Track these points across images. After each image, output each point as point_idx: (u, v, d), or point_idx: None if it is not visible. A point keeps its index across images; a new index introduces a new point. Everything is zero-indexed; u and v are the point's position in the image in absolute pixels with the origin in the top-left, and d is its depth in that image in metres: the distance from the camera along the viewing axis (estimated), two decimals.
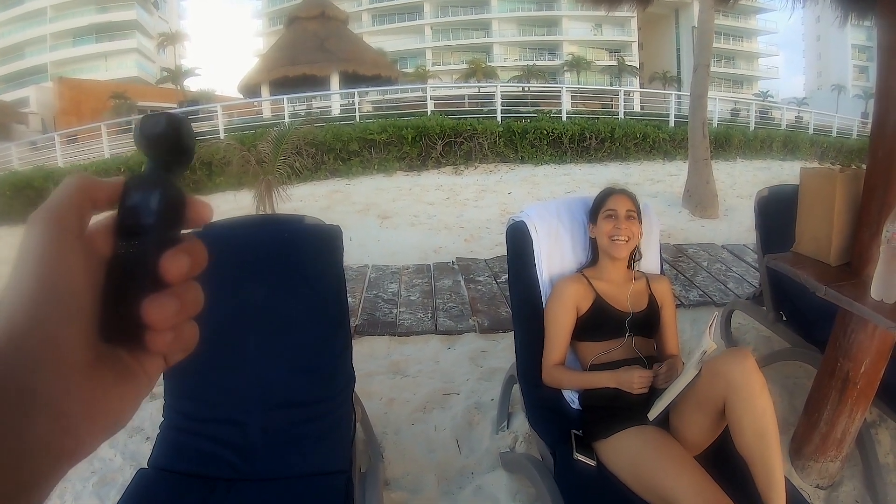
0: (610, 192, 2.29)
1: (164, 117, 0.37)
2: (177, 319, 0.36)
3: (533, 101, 17.42)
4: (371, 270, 5.32)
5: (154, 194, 0.36)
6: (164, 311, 0.35)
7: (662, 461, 1.68)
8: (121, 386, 0.37)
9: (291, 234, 2.35)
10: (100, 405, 0.35)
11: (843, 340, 2.22)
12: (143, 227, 0.36)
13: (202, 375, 2.11)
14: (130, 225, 0.36)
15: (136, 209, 0.36)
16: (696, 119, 8.80)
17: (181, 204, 0.38)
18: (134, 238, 0.36)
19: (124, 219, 0.37)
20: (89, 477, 2.50)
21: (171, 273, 0.36)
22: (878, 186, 2.10)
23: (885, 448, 2.56)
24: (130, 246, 0.36)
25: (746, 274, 5.05)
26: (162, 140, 0.37)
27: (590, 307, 2.15)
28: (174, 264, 0.36)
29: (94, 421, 0.35)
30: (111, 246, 0.36)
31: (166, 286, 0.36)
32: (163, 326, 0.36)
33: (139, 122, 0.38)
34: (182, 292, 0.37)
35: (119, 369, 0.37)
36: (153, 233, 0.36)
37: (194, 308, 0.38)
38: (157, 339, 0.36)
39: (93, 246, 0.36)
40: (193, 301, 0.38)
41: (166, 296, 0.36)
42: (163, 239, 0.36)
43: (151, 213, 0.36)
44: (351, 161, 11.65)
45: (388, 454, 2.59)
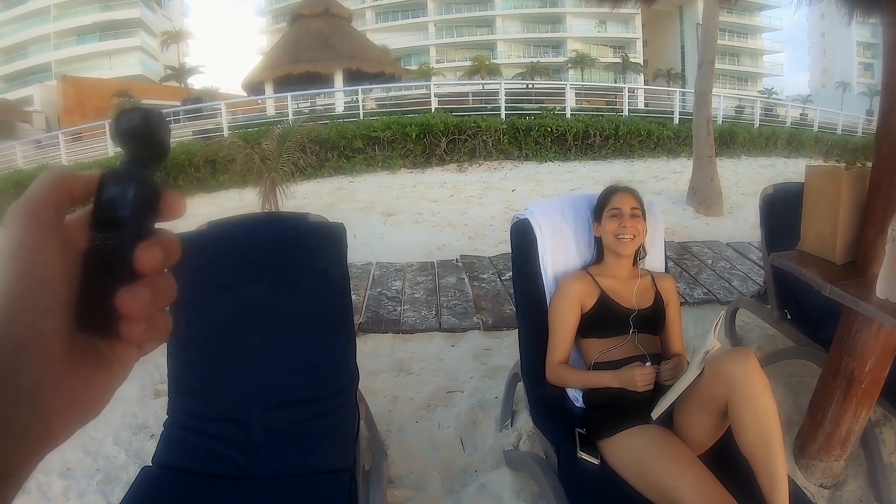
0: (613, 190, 2.29)
1: (140, 113, 0.38)
2: (150, 309, 0.37)
3: (537, 98, 17.44)
4: (375, 268, 5.32)
5: (129, 188, 0.37)
6: (137, 301, 0.36)
7: (666, 460, 1.68)
8: (97, 374, 0.38)
9: (295, 232, 2.35)
10: (76, 393, 0.36)
11: (847, 339, 2.21)
12: (118, 219, 0.37)
13: (206, 373, 2.12)
14: (106, 218, 0.37)
15: (112, 202, 0.37)
16: (700, 116, 8.76)
17: (156, 197, 0.39)
18: (109, 230, 0.37)
19: (100, 212, 0.37)
20: (94, 475, 2.51)
21: (145, 264, 0.37)
22: (884, 184, 2.09)
23: (889, 447, 2.56)
24: (106, 238, 0.37)
25: (751, 272, 5.04)
26: (137, 135, 0.38)
27: (594, 304, 2.14)
28: (148, 256, 0.37)
29: (71, 409, 0.36)
30: (87, 238, 0.37)
31: (140, 277, 0.37)
32: (137, 316, 0.37)
33: (115, 116, 0.38)
34: (155, 283, 0.37)
35: (95, 358, 0.38)
36: (128, 225, 0.37)
37: (167, 298, 0.39)
38: (131, 328, 0.37)
39: (69, 238, 0.37)
40: (166, 291, 0.39)
41: (140, 286, 0.36)
42: (137, 231, 0.37)
43: (126, 207, 0.37)
44: (355, 158, 11.65)
45: (391, 452, 2.59)
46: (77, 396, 0.36)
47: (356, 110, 14.48)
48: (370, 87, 18.70)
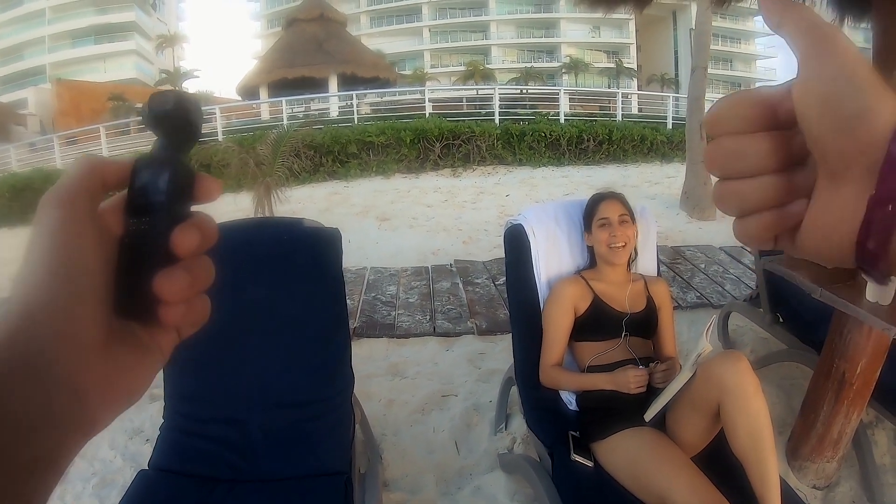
0: (600, 198, 2.29)
1: (173, 95, 0.38)
2: (188, 293, 0.37)
3: (531, 103, 17.48)
4: (370, 273, 5.33)
5: (163, 172, 0.37)
6: (175, 284, 0.36)
7: (659, 462, 1.69)
8: (135, 360, 0.38)
9: (290, 237, 2.36)
10: (115, 379, 0.36)
11: (839, 342, 2.23)
12: (153, 204, 0.37)
13: (202, 377, 2.12)
14: (141, 203, 0.37)
15: (146, 187, 0.37)
16: (693, 121, 8.80)
17: (190, 181, 0.39)
18: (145, 215, 0.37)
19: (135, 197, 0.37)
20: (90, 478, 2.51)
21: (182, 247, 0.37)
22: None
23: (881, 449, 2.57)
24: (142, 223, 0.37)
25: (743, 276, 5.06)
26: (170, 118, 0.38)
27: (588, 308, 2.16)
28: (184, 239, 0.37)
29: (110, 395, 0.36)
30: (123, 224, 0.37)
31: (177, 261, 0.37)
32: (175, 300, 0.37)
33: (148, 100, 0.38)
34: (193, 266, 0.37)
35: (133, 344, 0.38)
36: (163, 209, 0.37)
37: (205, 281, 0.39)
38: (169, 312, 0.37)
39: (105, 225, 0.37)
40: (204, 274, 0.39)
41: (178, 270, 0.36)
42: (173, 215, 0.37)
43: (161, 191, 0.37)
44: (349, 163, 11.66)
45: (387, 455, 2.60)
46: (116, 382, 0.36)
47: (351, 115, 14.54)
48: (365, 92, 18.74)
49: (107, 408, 0.36)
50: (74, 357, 0.33)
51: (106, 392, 0.35)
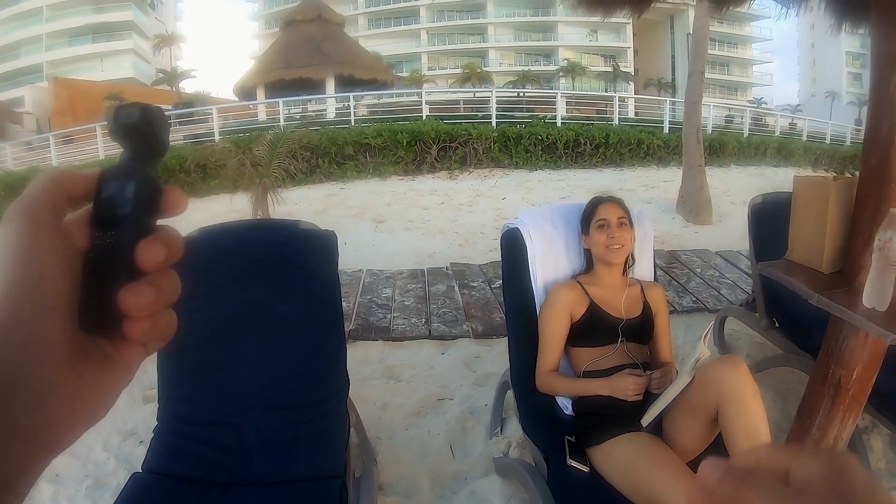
0: (599, 200, 2.30)
1: (138, 108, 0.38)
2: (154, 307, 0.37)
3: (528, 106, 17.54)
4: (365, 275, 5.32)
5: (129, 185, 0.37)
6: (141, 299, 0.36)
7: (655, 467, 1.69)
8: (101, 376, 0.37)
9: (286, 239, 2.36)
10: (81, 395, 0.36)
11: (835, 347, 2.23)
12: (119, 217, 0.36)
13: (196, 378, 2.11)
14: (106, 216, 0.37)
15: (112, 200, 0.37)
16: (690, 125, 8.83)
17: (156, 194, 0.38)
18: (110, 228, 0.36)
19: (100, 210, 0.37)
20: (83, 480, 2.50)
21: (147, 262, 0.36)
22: (871, 194, 2.11)
23: (877, 454, 2.58)
24: (107, 236, 0.36)
25: (740, 280, 5.07)
26: (136, 131, 0.38)
27: (584, 313, 2.15)
28: (150, 253, 0.36)
29: (76, 411, 0.35)
30: (88, 237, 0.37)
31: (143, 275, 0.36)
32: (140, 314, 0.36)
33: (113, 112, 0.38)
34: (159, 280, 0.37)
35: (99, 359, 0.37)
36: (129, 223, 0.37)
37: (171, 296, 0.39)
38: (135, 327, 0.36)
39: (70, 238, 0.36)
40: (170, 289, 0.38)
41: (143, 284, 0.36)
42: (139, 228, 0.37)
43: (127, 204, 0.36)
44: (346, 165, 11.64)
45: (382, 459, 2.59)
46: (82, 398, 0.36)
47: (348, 117, 14.54)
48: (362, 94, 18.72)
49: (72, 424, 0.35)
50: (39, 372, 0.33)
51: (71, 408, 0.35)
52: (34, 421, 0.33)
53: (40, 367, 0.33)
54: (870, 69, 2.18)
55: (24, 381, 0.32)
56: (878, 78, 2.09)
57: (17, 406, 0.32)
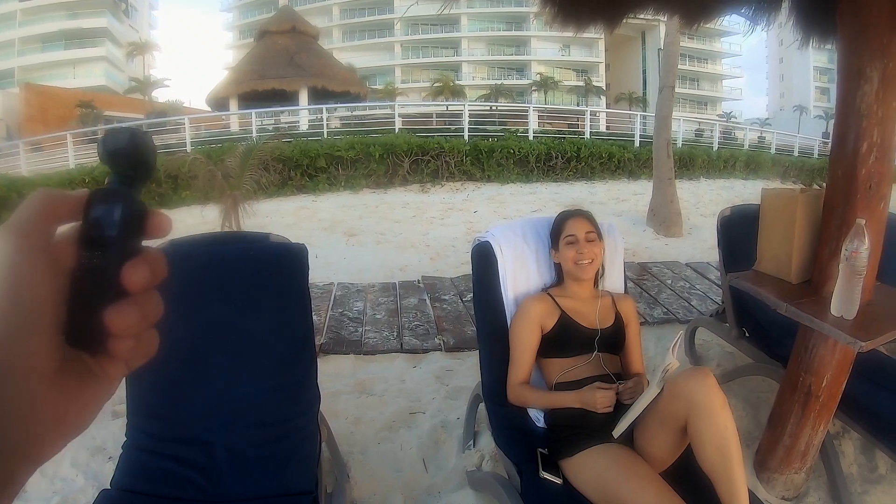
0: (566, 216, 2.31)
1: (127, 133, 0.39)
2: (138, 327, 0.38)
3: (500, 119, 17.62)
4: (337, 288, 5.27)
5: (116, 207, 0.38)
6: (125, 319, 0.37)
7: (627, 478, 1.68)
8: (84, 390, 0.39)
9: (256, 252, 2.34)
10: (64, 409, 0.37)
11: (804, 356, 2.25)
12: (106, 238, 0.38)
13: (166, 394, 2.07)
14: (94, 237, 0.38)
15: (100, 221, 0.38)
16: (660, 139, 8.94)
17: (142, 216, 0.39)
18: (97, 249, 0.38)
19: (88, 231, 0.38)
20: (51, 497, 2.42)
21: (133, 283, 0.37)
22: (838, 206, 2.14)
23: (848, 458, 2.61)
24: (94, 257, 0.37)
25: (710, 291, 5.12)
26: (124, 155, 0.39)
27: (555, 324, 2.15)
28: (135, 274, 0.38)
29: (60, 424, 0.37)
30: (76, 257, 0.38)
31: (128, 295, 0.38)
32: (124, 333, 0.37)
33: (102, 136, 0.39)
34: (142, 301, 0.38)
35: (82, 374, 0.39)
36: (116, 244, 0.38)
37: (154, 316, 0.40)
38: (118, 345, 0.38)
39: (58, 257, 0.37)
40: (153, 309, 0.40)
41: (128, 304, 0.37)
42: (125, 250, 0.38)
43: (114, 226, 0.38)
44: (318, 177, 11.60)
45: (354, 474, 2.55)
46: (65, 412, 0.37)
47: (320, 129, 14.48)
48: (335, 106, 18.71)
49: (56, 436, 0.37)
50: (25, 386, 0.35)
51: (55, 421, 0.37)
52: (18, 432, 0.34)
53: (25, 380, 0.35)
54: (836, 83, 2.22)
55: (7, 393, 0.34)
56: (844, 92, 2.13)
57: (1, 416, 0.33)
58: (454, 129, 14.77)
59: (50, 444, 0.37)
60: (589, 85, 48.25)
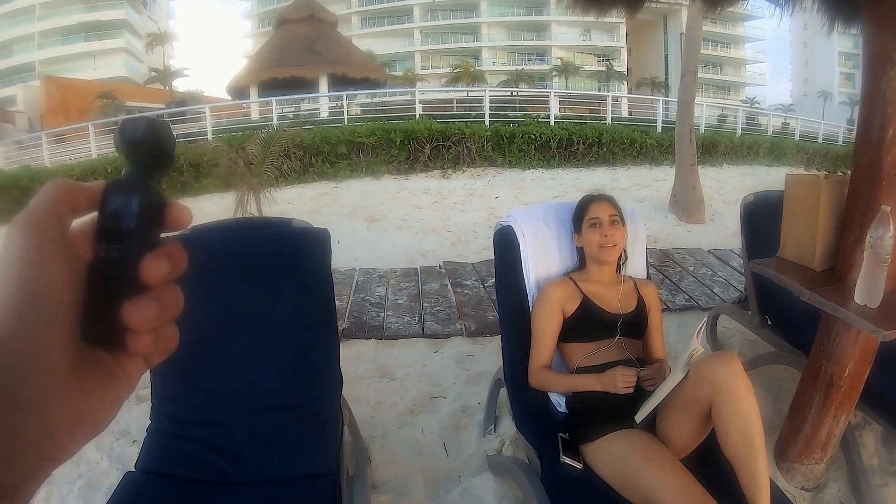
0: (590, 199, 2.30)
1: (144, 122, 0.38)
2: (157, 322, 0.37)
3: (521, 105, 17.51)
4: (358, 274, 5.31)
5: (134, 198, 0.37)
6: (144, 313, 0.36)
7: (648, 464, 1.69)
8: (102, 388, 0.37)
9: (280, 238, 2.35)
10: (82, 408, 0.36)
11: (827, 344, 2.24)
12: (123, 231, 0.37)
13: (190, 378, 2.10)
14: (111, 229, 0.37)
15: (117, 213, 0.37)
16: (683, 125, 8.85)
17: (161, 208, 0.39)
18: (115, 242, 0.37)
19: (105, 223, 0.37)
20: (75, 480, 2.48)
21: (151, 276, 0.36)
22: (863, 192, 2.12)
23: (869, 450, 2.59)
24: (111, 250, 0.36)
25: (732, 278, 5.09)
26: (142, 145, 0.38)
27: (577, 309, 2.15)
28: (154, 268, 0.36)
29: (77, 423, 0.36)
30: (92, 250, 0.37)
31: (146, 289, 0.36)
32: (143, 329, 0.36)
33: (119, 126, 0.38)
34: (162, 295, 0.37)
35: (100, 372, 0.37)
36: (133, 237, 0.37)
37: (174, 311, 0.39)
38: (137, 341, 0.37)
39: (74, 250, 0.36)
40: (173, 304, 0.38)
41: (146, 299, 0.36)
42: (143, 243, 0.37)
43: (132, 218, 0.37)
44: (339, 164, 11.62)
45: (375, 457, 2.59)
46: (83, 410, 0.36)
47: (341, 116, 14.48)
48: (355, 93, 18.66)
49: (73, 436, 0.36)
50: (41, 384, 0.33)
51: (73, 420, 0.35)
52: (35, 431, 0.33)
53: (42, 379, 0.33)
54: (862, 69, 2.19)
55: (24, 392, 0.32)
56: (869, 78, 2.10)
57: (17, 416, 0.32)
58: (475, 114, 14.69)
59: (68, 442, 0.35)
60: (610, 70, 47.74)
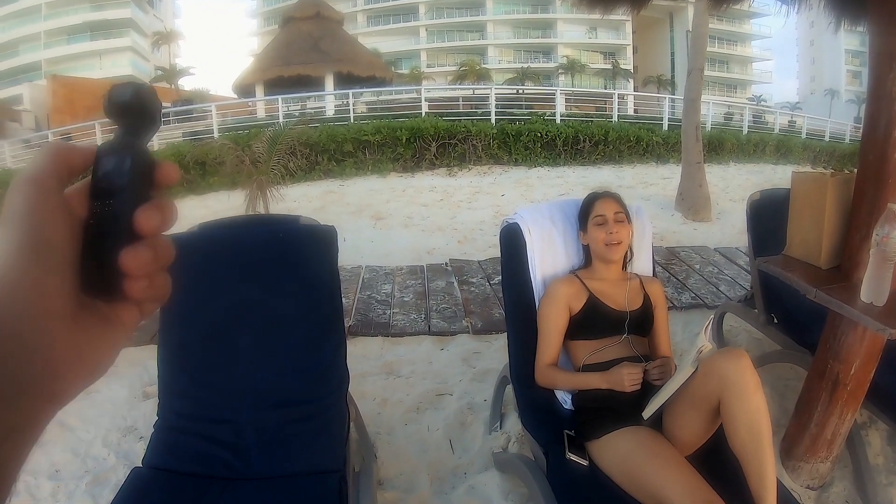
0: (595, 197, 2.31)
1: (131, 87, 0.40)
2: (151, 267, 0.39)
3: (527, 103, 17.48)
4: (365, 271, 5.32)
5: (125, 157, 0.39)
6: (139, 259, 0.38)
7: (654, 461, 1.69)
8: (101, 333, 0.40)
9: (286, 235, 2.36)
10: (82, 351, 0.38)
11: (833, 343, 2.24)
12: (116, 186, 0.39)
13: (196, 374, 2.12)
14: (104, 186, 0.39)
15: (109, 171, 0.39)
16: (689, 123, 8.83)
17: (150, 165, 0.41)
18: (108, 198, 0.39)
19: (99, 181, 0.39)
20: (83, 476, 2.50)
21: (144, 227, 0.39)
22: (869, 190, 2.12)
23: (875, 449, 2.58)
24: (105, 205, 0.39)
25: (738, 277, 5.08)
26: (129, 108, 0.40)
27: (583, 306, 2.16)
28: (147, 219, 0.39)
29: (78, 366, 0.38)
30: (87, 207, 0.39)
31: (140, 240, 0.39)
32: (138, 274, 0.39)
33: (107, 91, 0.40)
34: (154, 244, 0.39)
35: (98, 319, 0.40)
36: (126, 192, 0.39)
37: (166, 258, 0.41)
38: (132, 287, 0.39)
39: (71, 207, 0.38)
40: (165, 252, 0.41)
41: (142, 245, 0.38)
42: (135, 197, 0.39)
43: (124, 174, 0.39)
44: (345, 162, 11.63)
45: (381, 454, 2.60)
46: (84, 354, 0.38)
47: (347, 114, 14.50)
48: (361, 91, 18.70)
49: (76, 378, 0.38)
50: (45, 328, 0.35)
51: (75, 362, 0.37)
52: (39, 371, 0.35)
53: (45, 322, 0.35)
54: (868, 67, 2.18)
55: (29, 334, 0.34)
56: (876, 75, 2.10)
57: (23, 359, 0.34)
58: (481, 112, 14.67)
59: (70, 384, 0.37)
60: (616, 68, 47.67)
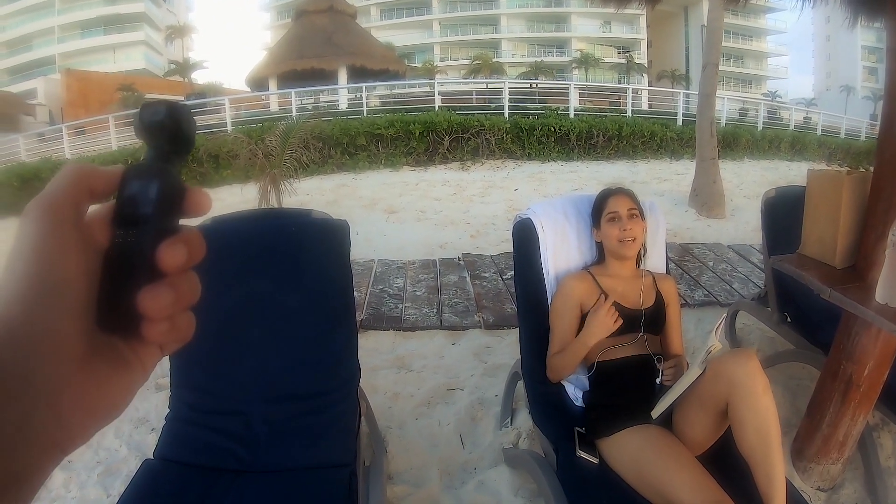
0: (608, 193, 2.29)
1: (164, 105, 0.37)
2: (173, 310, 0.36)
3: (541, 97, 17.47)
4: (377, 265, 5.33)
5: (153, 184, 0.36)
6: (160, 301, 0.35)
7: (664, 460, 1.69)
8: (116, 376, 0.37)
9: (299, 228, 2.37)
10: (95, 395, 0.35)
11: (846, 343, 2.22)
12: (141, 216, 0.36)
13: (208, 367, 2.13)
14: (128, 214, 0.36)
15: (135, 199, 0.36)
16: (703, 118, 8.76)
17: (180, 194, 0.38)
18: (132, 228, 0.36)
19: (122, 208, 0.36)
20: (94, 467, 2.52)
21: (168, 263, 0.36)
22: (885, 189, 2.10)
23: (886, 451, 2.56)
24: (128, 235, 0.36)
25: (752, 274, 5.04)
26: (161, 128, 0.37)
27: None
28: (171, 255, 0.36)
29: (89, 411, 0.35)
30: (109, 235, 0.36)
31: (163, 276, 0.36)
32: (159, 316, 0.36)
33: (139, 109, 0.38)
34: (179, 283, 0.37)
35: (114, 359, 0.37)
36: (151, 223, 0.36)
37: (191, 298, 0.38)
38: (152, 328, 0.36)
39: (90, 235, 0.36)
40: (190, 291, 0.38)
41: (163, 286, 0.36)
42: (161, 229, 0.36)
43: (150, 203, 0.36)
44: (358, 155, 11.66)
45: (391, 448, 2.60)
46: (96, 398, 0.36)
47: (360, 107, 14.54)
48: (374, 85, 18.71)
49: (85, 424, 0.35)
50: (53, 372, 0.33)
51: (85, 408, 0.35)
52: (44, 418, 0.32)
53: (54, 366, 0.33)
54: (885, 63, 2.16)
55: (37, 378, 0.32)
56: (893, 72, 2.08)
57: (29, 403, 0.32)
58: (494, 106, 14.67)
59: (79, 432, 0.35)
60: (630, 62, 47.38)
